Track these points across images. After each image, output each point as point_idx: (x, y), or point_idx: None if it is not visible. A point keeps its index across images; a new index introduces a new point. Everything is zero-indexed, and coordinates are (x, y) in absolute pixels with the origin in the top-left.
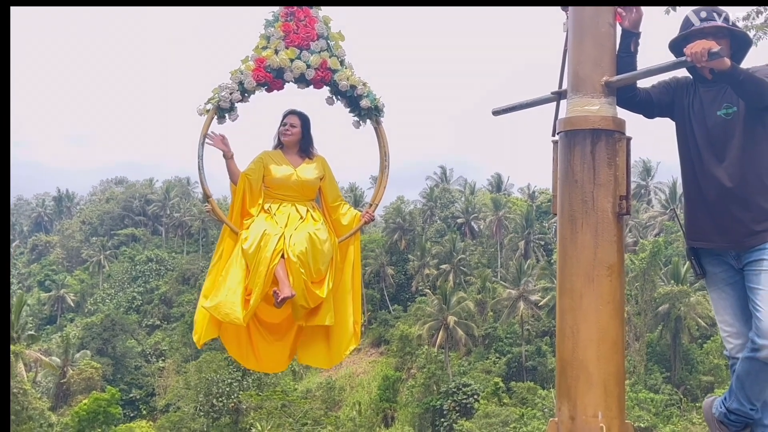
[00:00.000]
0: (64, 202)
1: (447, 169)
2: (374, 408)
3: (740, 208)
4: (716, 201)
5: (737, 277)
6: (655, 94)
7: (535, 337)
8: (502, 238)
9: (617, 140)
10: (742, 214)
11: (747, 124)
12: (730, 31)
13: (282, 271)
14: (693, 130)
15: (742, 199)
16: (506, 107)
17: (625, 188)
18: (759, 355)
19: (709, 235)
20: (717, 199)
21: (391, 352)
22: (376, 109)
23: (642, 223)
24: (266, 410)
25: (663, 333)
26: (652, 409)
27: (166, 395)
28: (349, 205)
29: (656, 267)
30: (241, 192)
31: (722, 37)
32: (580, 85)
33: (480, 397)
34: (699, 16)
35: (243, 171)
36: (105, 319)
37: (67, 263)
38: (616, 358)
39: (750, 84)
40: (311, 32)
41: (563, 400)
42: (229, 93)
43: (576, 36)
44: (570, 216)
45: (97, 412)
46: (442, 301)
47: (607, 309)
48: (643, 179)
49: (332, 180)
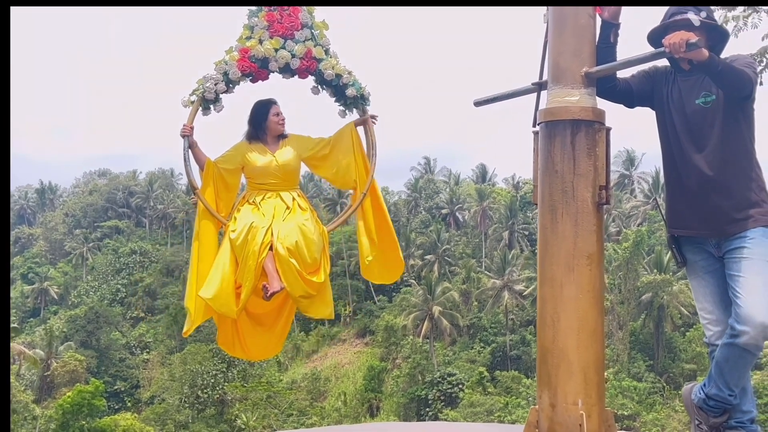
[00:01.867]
0: (47, 195)
1: (431, 160)
2: (359, 398)
3: (721, 196)
4: (697, 189)
5: (717, 265)
6: (634, 83)
7: (520, 326)
8: (487, 229)
9: (597, 131)
10: (722, 201)
11: (726, 112)
12: (705, 24)
13: (271, 264)
14: (672, 119)
15: (723, 187)
16: (488, 98)
17: (604, 178)
18: (738, 341)
19: (690, 223)
20: (697, 188)
21: (376, 342)
22: (362, 98)
23: (625, 212)
24: (251, 401)
25: (646, 321)
26: (636, 397)
27: (151, 387)
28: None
29: (639, 256)
30: (210, 181)
31: (698, 28)
32: (561, 76)
33: (465, 386)
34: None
35: (214, 159)
36: (89, 311)
37: (51, 256)
38: (596, 347)
39: (728, 74)
40: (295, 21)
41: (544, 388)
42: (214, 84)
43: (556, 27)
44: (550, 206)
45: (81, 404)
46: (427, 292)
47: (587, 298)
48: (627, 169)
49: (305, 138)
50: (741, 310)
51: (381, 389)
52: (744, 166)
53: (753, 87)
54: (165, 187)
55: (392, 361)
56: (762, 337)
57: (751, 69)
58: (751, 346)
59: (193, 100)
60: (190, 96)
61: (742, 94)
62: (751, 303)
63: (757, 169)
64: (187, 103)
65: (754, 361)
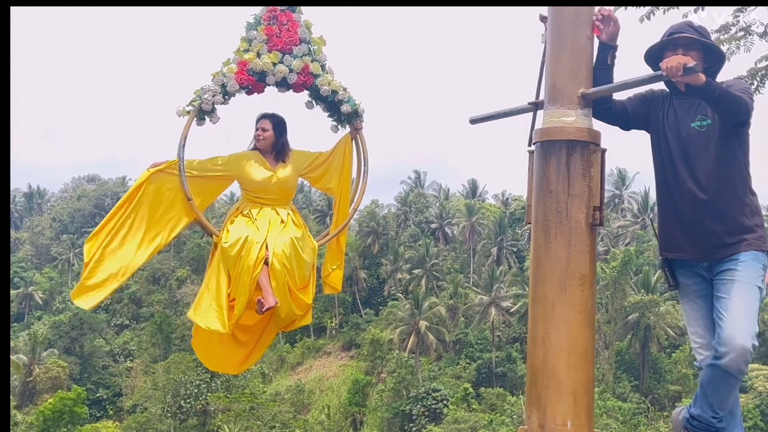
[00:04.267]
0: (34, 199)
1: (422, 174)
2: (343, 412)
3: (714, 220)
4: (690, 213)
5: (709, 289)
6: (630, 105)
7: (506, 343)
8: (475, 244)
9: (592, 152)
10: (715, 226)
11: (721, 136)
12: (702, 44)
13: (265, 279)
14: (668, 142)
15: (716, 212)
16: (483, 116)
17: (598, 199)
18: (720, 363)
19: (682, 246)
20: (691, 211)
21: (361, 356)
22: (357, 114)
23: (614, 232)
24: (234, 412)
25: (632, 342)
26: (620, 417)
27: (134, 396)
28: None
29: (627, 276)
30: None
31: (694, 49)
32: (557, 97)
33: (449, 402)
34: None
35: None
36: (73, 317)
37: (36, 260)
38: (586, 368)
39: (725, 100)
40: (294, 36)
41: (533, 408)
42: (212, 95)
43: (554, 48)
44: (544, 226)
45: (62, 411)
46: (414, 306)
47: (578, 318)
48: (617, 188)
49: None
50: (723, 332)
51: (365, 403)
52: (738, 190)
53: (749, 113)
54: None
55: (377, 375)
56: (743, 361)
57: (747, 95)
58: (733, 369)
59: (189, 110)
60: (186, 106)
61: (738, 120)
62: (732, 325)
63: (750, 194)
64: (182, 113)
65: (738, 385)
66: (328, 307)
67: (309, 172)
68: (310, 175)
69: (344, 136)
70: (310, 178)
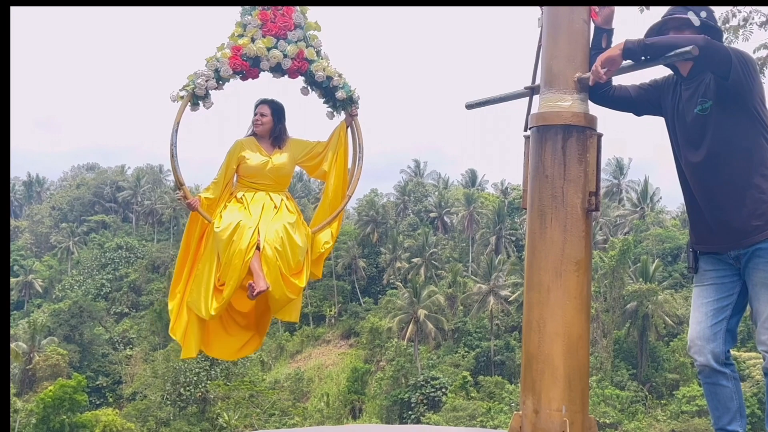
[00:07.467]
0: (34, 187)
1: (421, 163)
2: (342, 400)
3: (731, 206)
4: (704, 202)
5: (730, 277)
6: (635, 91)
7: (504, 332)
8: (474, 233)
9: (588, 136)
10: (733, 212)
11: (725, 115)
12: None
13: (257, 263)
14: (675, 131)
15: (731, 198)
16: (480, 101)
17: (594, 184)
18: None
19: (707, 238)
20: (705, 201)
21: (360, 344)
22: (351, 100)
23: (612, 221)
24: (234, 400)
25: (630, 330)
26: (618, 406)
27: (133, 383)
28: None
29: (625, 265)
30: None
31: (697, 27)
32: (553, 81)
33: (448, 390)
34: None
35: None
36: (73, 305)
37: (36, 249)
38: (581, 353)
39: (660, 46)
40: (288, 21)
41: (528, 394)
42: (205, 80)
43: (550, 32)
44: (540, 211)
45: (62, 398)
46: (413, 295)
47: (573, 304)
48: (615, 177)
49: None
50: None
51: (364, 391)
52: (753, 172)
53: (728, 58)
54: (153, 183)
55: (376, 363)
56: None
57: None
58: None
59: (183, 95)
60: (179, 91)
61: (720, 69)
62: None
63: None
64: (176, 97)
65: None
66: (327, 296)
67: (306, 161)
68: (307, 164)
69: (340, 123)
70: (307, 167)
